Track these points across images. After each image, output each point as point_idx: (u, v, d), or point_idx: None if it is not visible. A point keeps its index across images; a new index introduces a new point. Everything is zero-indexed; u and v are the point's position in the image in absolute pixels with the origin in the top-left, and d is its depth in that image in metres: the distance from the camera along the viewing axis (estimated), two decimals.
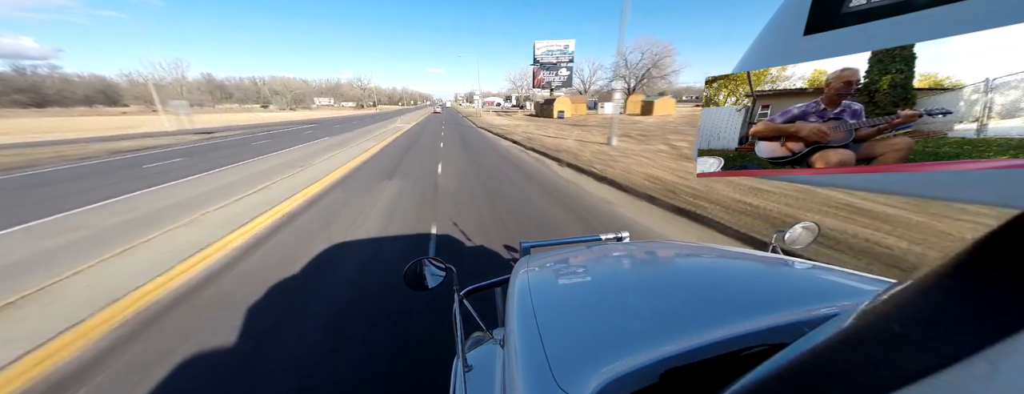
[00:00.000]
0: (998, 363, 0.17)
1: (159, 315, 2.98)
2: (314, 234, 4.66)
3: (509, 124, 24.44)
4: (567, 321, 0.87)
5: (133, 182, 8.02)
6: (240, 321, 2.85)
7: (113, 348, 2.58)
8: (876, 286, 0.89)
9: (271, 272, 3.62)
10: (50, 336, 2.69)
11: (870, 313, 0.24)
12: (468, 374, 1.12)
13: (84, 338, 2.68)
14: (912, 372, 0.19)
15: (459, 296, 1.29)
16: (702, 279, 1.09)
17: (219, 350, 2.54)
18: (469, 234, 4.51)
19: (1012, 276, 0.18)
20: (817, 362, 0.25)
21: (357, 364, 2.37)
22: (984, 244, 0.19)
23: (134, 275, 3.60)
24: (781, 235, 1.52)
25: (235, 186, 7.51)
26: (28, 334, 2.72)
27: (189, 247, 4.28)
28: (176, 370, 2.36)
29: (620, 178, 6.97)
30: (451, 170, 8.93)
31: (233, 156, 12.00)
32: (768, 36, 0.44)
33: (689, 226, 4.72)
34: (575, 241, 1.81)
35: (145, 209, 5.97)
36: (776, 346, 0.70)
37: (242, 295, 3.22)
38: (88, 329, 2.79)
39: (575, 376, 0.66)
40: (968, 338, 0.18)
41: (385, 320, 2.80)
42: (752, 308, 0.82)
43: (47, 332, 2.73)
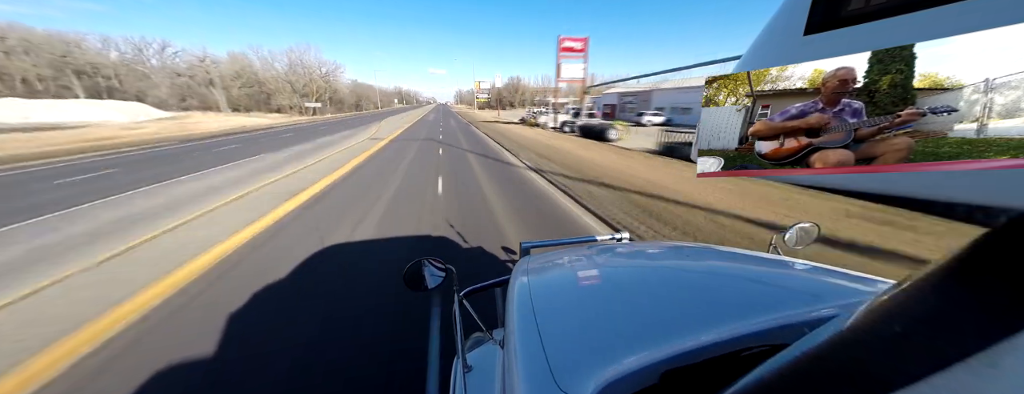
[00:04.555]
0: (998, 363, 0.17)
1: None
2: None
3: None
4: (567, 321, 0.87)
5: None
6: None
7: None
8: (876, 287, 0.89)
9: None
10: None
11: (870, 314, 0.24)
12: (468, 374, 1.12)
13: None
14: (912, 372, 0.19)
15: (459, 297, 1.29)
16: (702, 280, 1.09)
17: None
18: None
19: (1011, 276, 0.17)
20: (817, 363, 0.25)
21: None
22: (983, 244, 0.19)
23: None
24: (781, 235, 1.52)
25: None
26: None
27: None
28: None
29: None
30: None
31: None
32: (768, 36, 0.44)
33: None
34: (575, 241, 1.81)
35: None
36: (776, 347, 0.70)
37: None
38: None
39: (575, 377, 0.66)
40: (968, 338, 0.18)
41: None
42: (752, 309, 0.81)
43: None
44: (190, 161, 11.72)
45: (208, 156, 12.82)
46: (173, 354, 2.62)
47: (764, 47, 0.44)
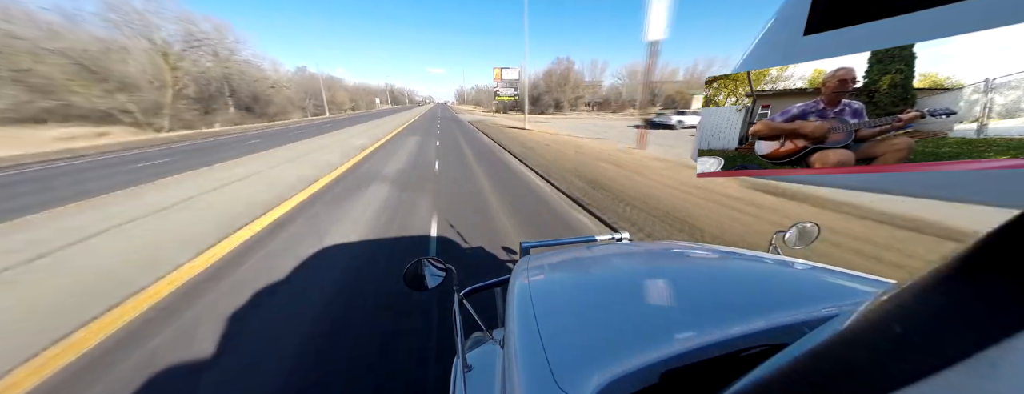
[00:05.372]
0: (998, 363, 0.17)
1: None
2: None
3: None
4: (567, 321, 0.87)
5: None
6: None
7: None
8: (876, 287, 0.89)
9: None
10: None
11: (870, 313, 0.24)
12: (468, 374, 1.12)
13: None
14: (912, 372, 0.19)
15: (459, 296, 1.29)
16: (702, 279, 1.09)
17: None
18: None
19: (1012, 276, 0.17)
20: (817, 362, 0.25)
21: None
22: (984, 244, 0.19)
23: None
24: (781, 235, 1.52)
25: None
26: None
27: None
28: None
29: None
30: None
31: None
32: (768, 36, 0.44)
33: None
34: (575, 241, 1.81)
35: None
36: (776, 346, 0.70)
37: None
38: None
39: (575, 376, 0.66)
40: (968, 338, 0.18)
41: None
42: (752, 308, 0.81)
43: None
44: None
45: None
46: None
47: (764, 47, 0.44)
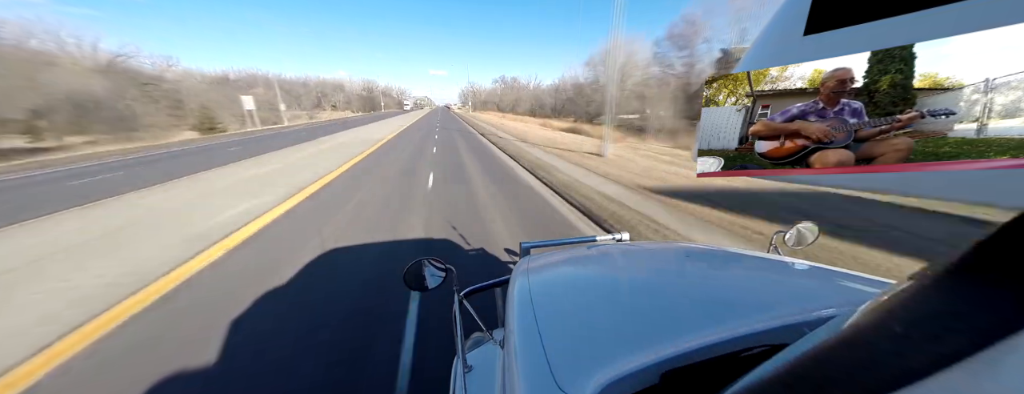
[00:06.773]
0: (998, 363, 0.17)
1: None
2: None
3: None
4: (567, 321, 0.87)
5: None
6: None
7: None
8: (876, 287, 0.89)
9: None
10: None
11: (870, 314, 0.24)
12: (468, 375, 1.12)
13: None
14: (912, 372, 0.19)
15: (459, 296, 1.29)
16: (702, 280, 1.09)
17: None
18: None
19: (1012, 276, 0.17)
20: (817, 363, 0.25)
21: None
22: (984, 244, 0.19)
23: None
24: (781, 235, 1.52)
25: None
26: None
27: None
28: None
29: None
30: None
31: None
32: (768, 36, 0.44)
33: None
34: (575, 242, 1.81)
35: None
36: (776, 347, 0.70)
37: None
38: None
39: (575, 377, 0.66)
40: (968, 338, 0.18)
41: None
42: (752, 309, 0.81)
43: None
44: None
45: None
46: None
47: (764, 47, 0.44)
